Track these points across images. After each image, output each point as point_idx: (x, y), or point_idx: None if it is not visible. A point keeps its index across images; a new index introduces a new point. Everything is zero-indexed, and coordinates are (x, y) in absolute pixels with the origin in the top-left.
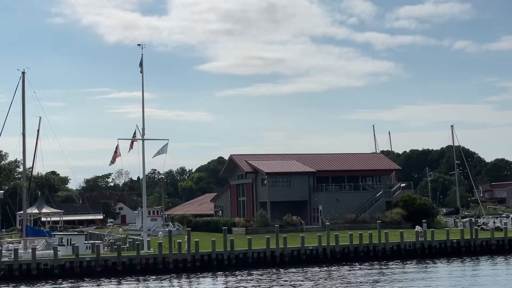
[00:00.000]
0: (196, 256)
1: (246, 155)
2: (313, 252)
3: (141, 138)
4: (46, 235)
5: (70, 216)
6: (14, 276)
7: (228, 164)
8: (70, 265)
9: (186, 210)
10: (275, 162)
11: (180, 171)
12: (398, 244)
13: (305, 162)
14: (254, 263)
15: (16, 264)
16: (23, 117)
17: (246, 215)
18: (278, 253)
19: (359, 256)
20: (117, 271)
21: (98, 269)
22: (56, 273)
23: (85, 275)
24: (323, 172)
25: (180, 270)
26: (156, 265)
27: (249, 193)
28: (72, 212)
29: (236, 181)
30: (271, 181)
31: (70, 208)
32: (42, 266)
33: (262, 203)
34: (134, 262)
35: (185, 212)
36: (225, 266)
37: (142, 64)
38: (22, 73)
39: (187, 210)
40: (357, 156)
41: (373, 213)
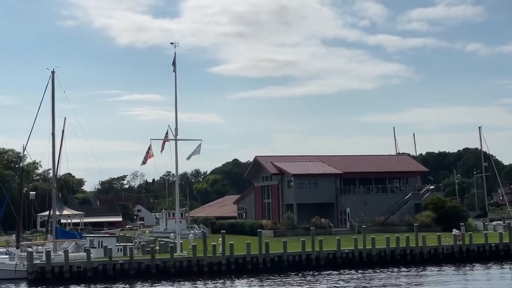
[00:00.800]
0: (230, 259)
1: (271, 156)
2: (349, 255)
3: (173, 138)
4: (76, 237)
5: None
6: (46, 278)
7: (252, 166)
8: (103, 268)
9: (206, 212)
10: (301, 163)
11: (194, 173)
12: (436, 248)
13: (331, 163)
14: (290, 266)
15: (48, 266)
16: (53, 117)
17: (272, 217)
18: (313, 256)
19: (395, 260)
20: (151, 274)
21: (132, 272)
22: (89, 276)
23: (118, 278)
24: (350, 174)
25: (215, 273)
26: (190, 268)
27: (275, 195)
28: (91, 214)
29: (260, 183)
30: (298, 183)
31: (89, 210)
32: (74, 269)
33: (288, 205)
34: (168, 265)
35: (205, 214)
36: (260, 270)
37: (175, 63)
38: (52, 72)
39: (207, 212)
40: (383, 157)
41: (402, 216)
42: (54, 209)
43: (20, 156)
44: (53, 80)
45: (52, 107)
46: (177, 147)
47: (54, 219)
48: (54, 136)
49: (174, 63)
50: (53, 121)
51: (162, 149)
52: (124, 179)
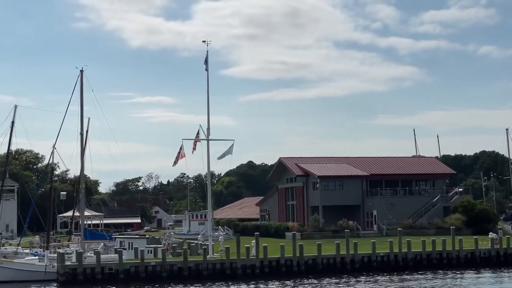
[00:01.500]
0: (264, 262)
1: (295, 157)
2: (384, 258)
3: (205, 138)
4: (106, 238)
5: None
6: (77, 280)
7: (276, 167)
8: (135, 269)
9: (226, 214)
10: (326, 165)
11: None
12: (473, 252)
13: (356, 165)
14: (324, 269)
15: (80, 268)
16: (81, 117)
17: (296, 219)
18: (348, 259)
19: (431, 263)
20: (183, 276)
21: (164, 274)
22: (121, 278)
23: (150, 280)
24: (376, 176)
25: (248, 276)
26: (224, 270)
27: (299, 196)
28: (109, 215)
29: (284, 185)
30: (323, 185)
31: (107, 211)
32: (106, 271)
33: (313, 207)
34: (201, 267)
35: (225, 216)
36: (294, 272)
37: (207, 61)
38: (80, 71)
39: (227, 214)
40: (409, 159)
41: (430, 219)
42: (82, 210)
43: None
44: (81, 79)
45: (80, 106)
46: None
47: (82, 220)
48: (82, 136)
49: (206, 61)
50: (82, 121)
51: (194, 149)
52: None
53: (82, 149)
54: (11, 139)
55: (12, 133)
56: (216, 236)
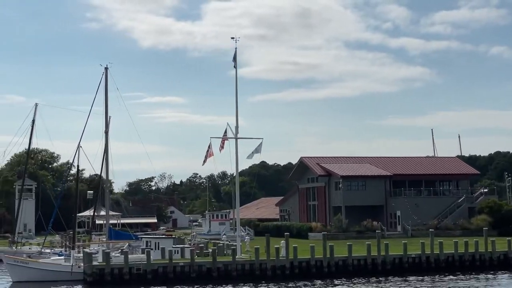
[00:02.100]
0: (294, 263)
1: (317, 157)
2: (415, 260)
3: (234, 136)
4: (132, 238)
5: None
6: (105, 280)
7: (297, 167)
8: (163, 270)
9: (244, 214)
10: (348, 165)
11: (221, 175)
12: (506, 253)
13: (378, 165)
14: (354, 270)
15: (108, 268)
16: (106, 115)
17: (318, 219)
18: (379, 261)
19: (464, 265)
20: (212, 277)
21: (193, 275)
22: (149, 278)
23: (178, 281)
24: (399, 176)
25: (278, 277)
26: (253, 271)
27: (321, 197)
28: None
29: (305, 185)
30: (346, 185)
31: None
32: (134, 271)
33: (335, 207)
34: (230, 268)
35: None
36: (325, 274)
37: (236, 58)
38: (105, 68)
39: (245, 214)
40: (431, 160)
41: (455, 220)
42: (107, 210)
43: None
44: (106, 76)
45: (105, 104)
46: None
47: (107, 220)
48: (107, 134)
49: (235, 58)
50: (106, 119)
51: (222, 148)
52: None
53: (106, 148)
54: (32, 137)
55: (33, 132)
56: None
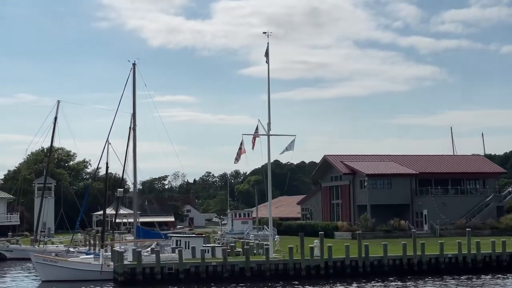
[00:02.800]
0: (328, 263)
1: (340, 155)
2: (452, 260)
3: (266, 133)
4: (161, 236)
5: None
6: (136, 280)
7: (320, 165)
8: (195, 269)
9: (263, 213)
10: (373, 163)
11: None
12: None
13: (403, 163)
14: (390, 270)
15: (139, 267)
16: (134, 111)
17: (342, 218)
18: (415, 261)
19: (501, 265)
20: (245, 277)
21: (225, 275)
22: (181, 278)
23: (211, 280)
24: (425, 175)
25: (312, 277)
26: (287, 271)
27: (345, 195)
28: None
29: (329, 183)
30: (371, 183)
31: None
32: (166, 271)
33: (360, 206)
34: (263, 268)
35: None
36: (359, 274)
37: (268, 53)
38: (133, 64)
39: (263, 213)
40: (457, 158)
41: (484, 219)
42: (135, 208)
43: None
44: (134, 72)
45: (133, 100)
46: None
47: (135, 218)
48: (135, 131)
49: (267, 53)
50: (134, 115)
51: (253, 145)
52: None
53: (134, 146)
54: (54, 135)
55: (55, 129)
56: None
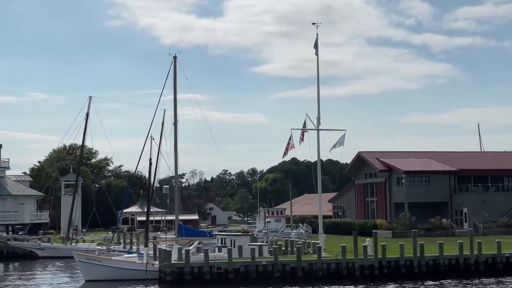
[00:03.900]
0: (383, 262)
1: (376, 152)
2: (509, 259)
3: (315, 128)
4: (206, 235)
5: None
6: (185, 280)
7: (354, 162)
8: (245, 269)
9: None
10: (409, 160)
11: (251, 172)
12: None
13: (440, 160)
14: (445, 270)
15: (187, 267)
16: (175, 106)
17: (376, 216)
18: (472, 261)
19: None
20: (297, 277)
21: (276, 275)
22: (230, 278)
23: (261, 280)
24: (464, 171)
25: (366, 277)
26: (339, 271)
27: (381, 193)
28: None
29: (362, 180)
30: (409, 180)
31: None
32: (215, 270)
33: (396, 204)
34: (315, 268)
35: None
36: (414, 274)
37: (317, 45)
38: (174, 57)
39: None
40: (495, 154)
41: None
42: (176, 207)
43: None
44: (175, 65)
45: (174, 94)
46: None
47: (176, 217)
48: (176, 126)
49: (316, 45)
50: (175, 110)
51: (302, 140)
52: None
53: (175, 141)
54: (86, 131)
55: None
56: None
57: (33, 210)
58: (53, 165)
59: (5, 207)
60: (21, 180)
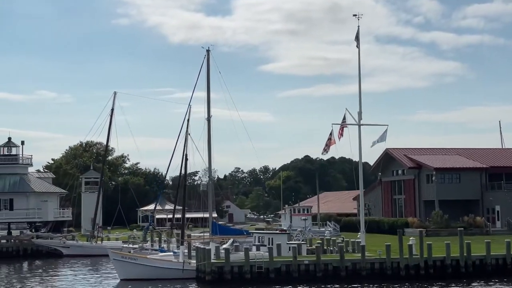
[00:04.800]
0: (428, 262)
1: (404, 148)
2: None
3: (356, 123)
4: (243, 233)
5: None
6: (225, 279)
7: (381, 159)
8: (287, 268)
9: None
10: (439, 157)
11: (263, 169)
12: None
13: (469, 157)
14: (493, 271)
15: (227, 266)
16: (208, 100)
17: (405, 214)
18: None
19: None
20: (340, 276)
21: (319, 274)
22: (271, 277)
23: (303, 280)
24: (496, 169)
25: (412, 278)
26: (383, 270)
27: (409, 190)
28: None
29: (390, 178)
30: (439, 178)
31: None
32: (255, 270)
33: (426, 202)
34: (358, 267)
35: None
36: (461, 274)
37: (358, 37)
38: (207, 51)
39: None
40: None
41: None
42: (210, 204)
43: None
44: (208, 59)
45: (207, 88)
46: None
47: (210, 214)
48: (209, 122)
49: (357, 37)
50: (209, 104)
51: (341, 136)
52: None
53: (209, 137)
54: (111, 126)
55: (112, 121)
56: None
57: (56, 208)
58: (70, 163)
59: (29, 205)
60: (44, 177)
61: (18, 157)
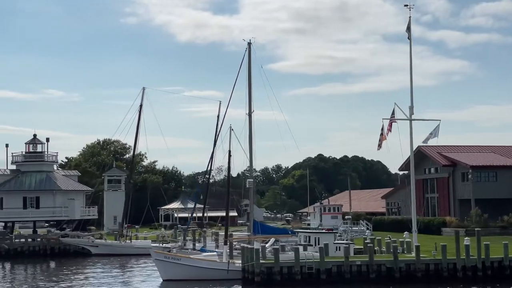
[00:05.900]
0: (486, 263)
1: (436, 146)
2: None
3: (407, 118)
4: (288, 232)
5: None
6: (274, 280)
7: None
8: (338, 269)
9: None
10: (474, 154)
11: (275, 168)
12: None
13: (503, 154)
14: None
15: (277, 266)
16: (249, 93)
17: (438, 213)
18: None
19: None
20: (393, 278)
21: (372, 276)
22: (323, 278)
23: (355, 282)
24: None
25: (469, 279)
26: (439, 272)
27: (443, 189)
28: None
29: (421, 176)
30: (476, 176)
31: None
32: (306, 270)
33: (461, 201)
34: (412, 268)
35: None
36: None
37: (409, 28)
38: (248, 44)
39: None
40: None
41: None
42: (251, 203)
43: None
44: (249, 52)
45: (248, 82)
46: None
47: (251, 213)
48: (251, 116)
49: (409, 28)
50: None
51: (390, 131)
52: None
53: (250, 132)
54: (140, 122)
55: (141, 117)
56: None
57: (82, 206)
58: (88, 161)
59: (55, 203)
60: (70, 175)
61: (44, 154)
